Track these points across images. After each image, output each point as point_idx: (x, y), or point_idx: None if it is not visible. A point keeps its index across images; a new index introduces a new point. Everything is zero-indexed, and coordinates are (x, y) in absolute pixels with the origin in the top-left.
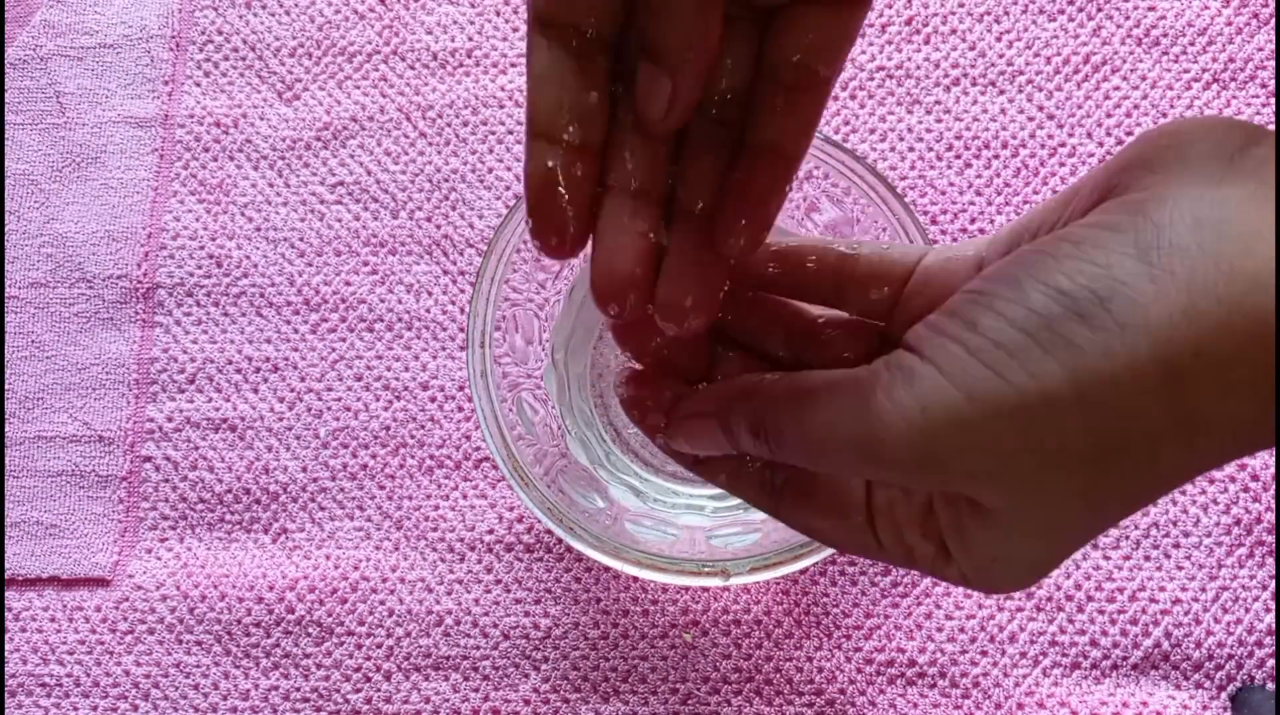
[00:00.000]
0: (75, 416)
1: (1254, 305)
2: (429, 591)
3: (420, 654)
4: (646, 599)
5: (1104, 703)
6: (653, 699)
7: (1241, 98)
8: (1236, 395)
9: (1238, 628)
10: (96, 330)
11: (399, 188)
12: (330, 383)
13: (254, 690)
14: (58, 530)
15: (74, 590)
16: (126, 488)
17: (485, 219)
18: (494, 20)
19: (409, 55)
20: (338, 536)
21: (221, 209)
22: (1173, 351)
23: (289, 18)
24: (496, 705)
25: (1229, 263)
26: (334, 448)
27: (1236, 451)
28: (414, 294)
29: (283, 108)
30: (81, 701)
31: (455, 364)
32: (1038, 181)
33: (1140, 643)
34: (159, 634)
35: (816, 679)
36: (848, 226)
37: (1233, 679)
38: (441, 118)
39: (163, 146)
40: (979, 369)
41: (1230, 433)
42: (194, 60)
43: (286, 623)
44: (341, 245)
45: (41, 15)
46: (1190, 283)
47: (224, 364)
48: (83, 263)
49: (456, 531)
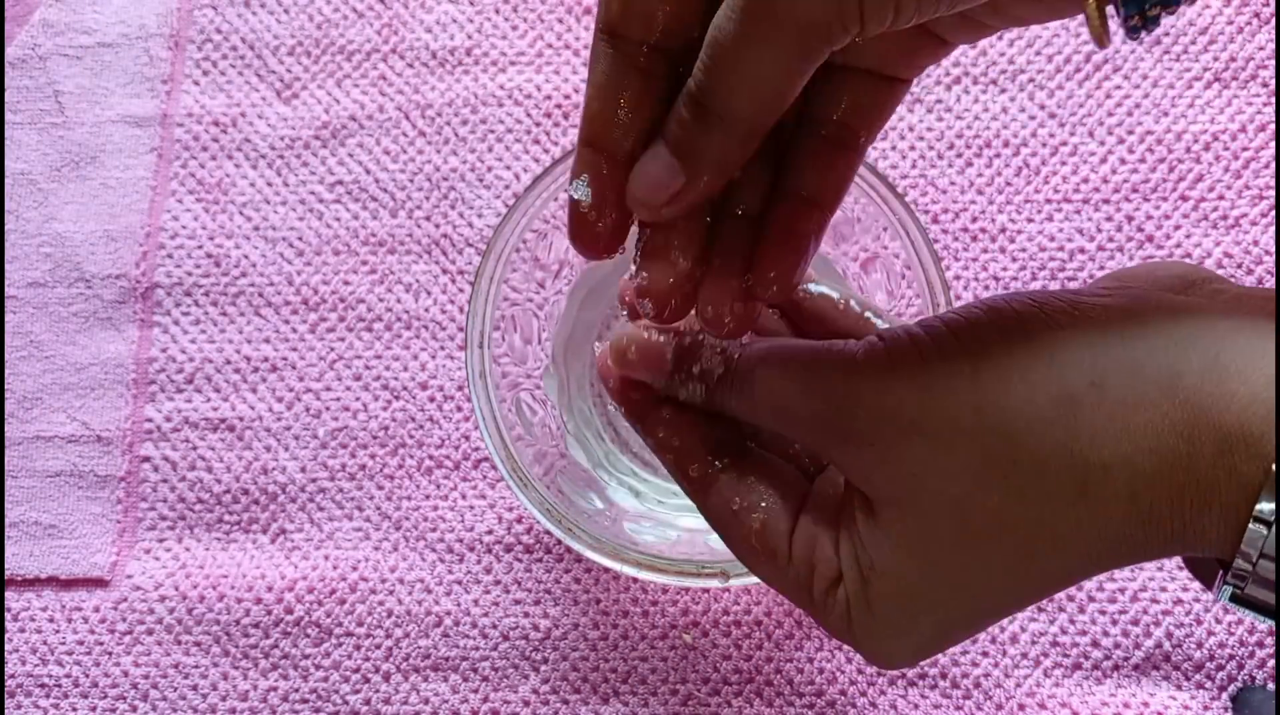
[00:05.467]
0: (74, 416)
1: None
2: (428, 592)
3: (419, 655)
4: (646, 600)
5: (1105, 703)
6: (653, 700)
7: (1243, 97)
8: (1129, 437)
9: (1239, 628)
10: (95, 330)
11: (398, 187)
12: (329, 383)
13: (253, 691)
14: (56, 530)
15: (73, 591)
16: (125, 488)
17: (484, 218)
18: (493, 19)
19: (408, 54)
20: (336, 537)
21: (220, 208)
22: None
23: (288, 16)
24: (496, 706)
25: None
26: (333, 448)
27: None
28: (413, 294)
29: (281, 107)
30: (80, 702)
31: (454, 364)
32: (1039, 180)
33: (1141, 643)
34: (158, 634)
35: (817, 680)
36: (848, 226)
37: (1234, 679)
38: (441, 116)
39: (161, 145)
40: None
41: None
42: (192, 59)
43: (285, 623)
44: (340, 244)
45: (40, 14)
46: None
47: (222, 364)
48: (81, 262)
49: (456, 532)
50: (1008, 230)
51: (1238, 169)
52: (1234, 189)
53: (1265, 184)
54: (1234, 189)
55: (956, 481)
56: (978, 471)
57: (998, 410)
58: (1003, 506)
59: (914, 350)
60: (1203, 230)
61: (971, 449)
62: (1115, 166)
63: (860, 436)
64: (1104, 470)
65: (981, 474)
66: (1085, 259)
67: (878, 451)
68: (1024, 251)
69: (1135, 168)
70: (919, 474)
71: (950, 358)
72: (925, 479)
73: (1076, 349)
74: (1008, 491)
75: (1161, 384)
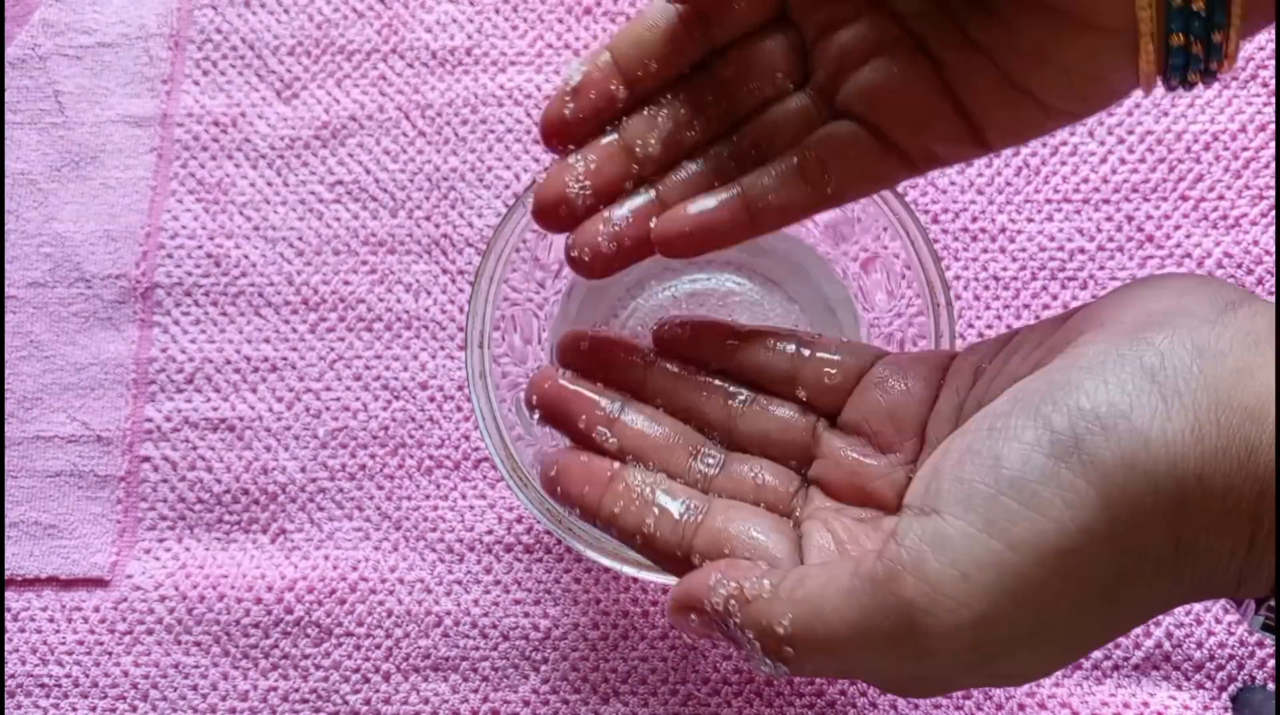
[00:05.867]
0: (74, 416)
1: (1246, 438)
2: (428, 592)
3: (419, 655)
4: (646, 600)
5: (1105, 703)
6: (653, 700)
7: (1243, 97)
8: (1223, 527)
9: (1239, 628)
10: (95, 330)
11: (398, 187)
12: (329, 383)
13: (253, 691)
14: (56, 530)
15: (72, 591)
16: (125, 488)
17: (484, 218)
18: (493, 19)
19: (408, 54)
20: (336, 537)
21: (220, 208)
22: (1184, 471)
23: (288, 16)
24: (496, 706)
25: (1225, 392)
26: (333, 448)
27: (1202, 592)
28: (413, 293)
29: (281, 106)
30: (80, 702)
31: (454, 364)
32: (1039, 180)
33: (1141, 643)
34: (157, 634)
35: (817, 680)
36: (848, 226)
37: (1234, 679)
38: (441, 116)
39: (161, 145)
40: (1015, 510)
41: (1207, 567)
42: (192, 59)
43: (285, 623)
44: (340, 244)
45: (40, 14)
46: (1195, 404)
47: (222, 364)
48: (81, 262)
49: (456, 532)
50: (1008, 230)
51: (1238, 169)
52: (1234, 189)
53: (1265, 184)
54: (1234, 189)
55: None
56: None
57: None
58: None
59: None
60: (1203, 230)
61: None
62: (1115, 166)
63: None
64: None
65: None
66: (1085, 259)
67: None
68: (1024, 251)
69: (1135, 168)
70: None
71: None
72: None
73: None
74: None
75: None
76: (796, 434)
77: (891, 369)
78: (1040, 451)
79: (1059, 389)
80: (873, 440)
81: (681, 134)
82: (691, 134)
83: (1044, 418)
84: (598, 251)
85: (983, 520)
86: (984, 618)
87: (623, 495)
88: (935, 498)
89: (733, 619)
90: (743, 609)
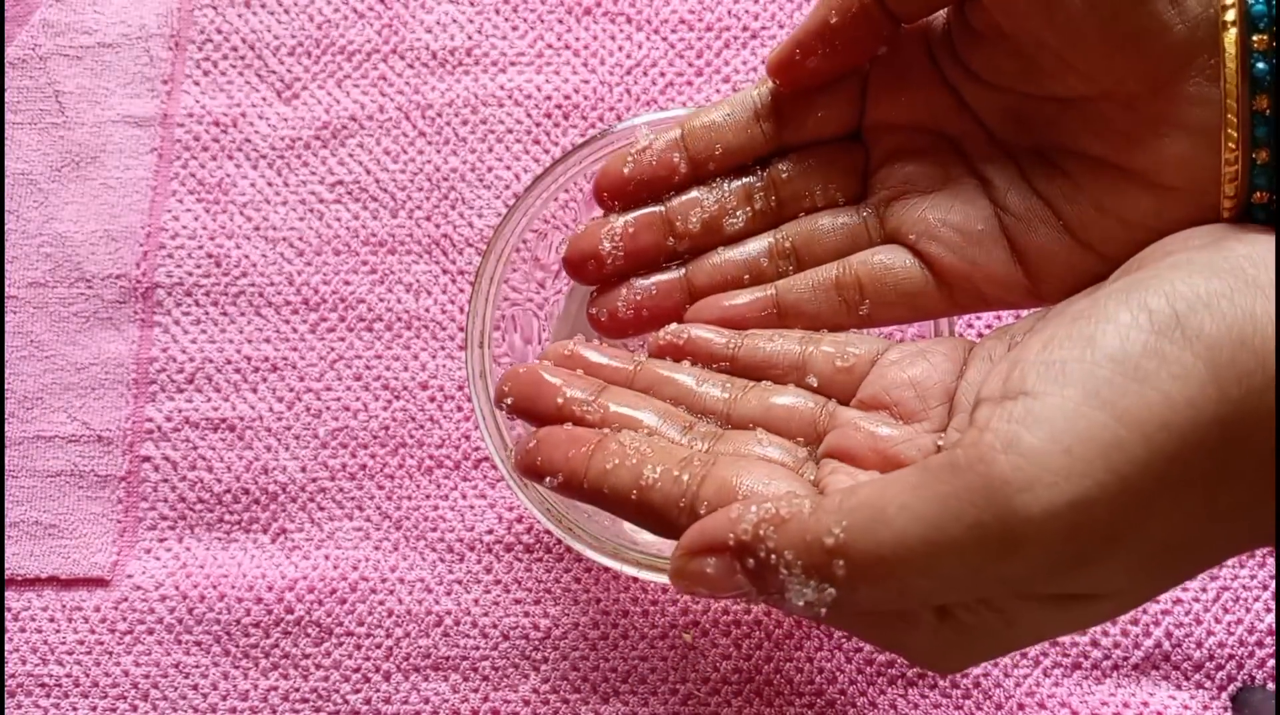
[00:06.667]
0: (74, 416)
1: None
2: (428, 592)
3: (419, 654)
4: (646, 599)
5: (1105, 703)
6: (653, 700)
7: None
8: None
9: (1238, 628)
10: (95, 330)
11: (398, 187)
12: (329, 382)
13: (253, 691)
14: (57, 530)
15: (73, 590)
16: (125, 488)
17: (485, 218)
18: (494, 19)
19: (408, 54)
20: (337, 537)
21: (220, 208)
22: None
23: (288, 16)
24: (496, 706)
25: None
26: (333, 448)
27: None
28: (413, 293)
29: (282, 107)
30: (81, 702)
31: (455, 364)
32: None
33: (1141, 643)
34: (158, 634)
35: (817, 680)
36: None
37: (1233, 679)
38: (441, 117)
39: (161, 146)
40: (1119, 382)
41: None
42: (193, 59)
43: (286, 623)
44: (340, 245)
45: (40, 14)
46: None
47: (223, 364)
48: (81, 262)
49: (456, 532)
50: None
51: None
52: None
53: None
54: None
55: None
56: None
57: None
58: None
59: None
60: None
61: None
62: None
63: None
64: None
65: None
66: None
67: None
68: None
69: None
70: None
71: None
72: None
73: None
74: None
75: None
76: (805, 413)
77: (907, 350)
78: (1139, 330)
79: (1148, 280)
80: (894, 411)
81: (724, 220)
82: (733, 223)
83: (1139, 300)
84: (615, 315)
85: (1082, 393)
86: (1085, 497)
87: (615, 452)
88: (1020, 382)
89: (764, 544)
90: (779, 529)
